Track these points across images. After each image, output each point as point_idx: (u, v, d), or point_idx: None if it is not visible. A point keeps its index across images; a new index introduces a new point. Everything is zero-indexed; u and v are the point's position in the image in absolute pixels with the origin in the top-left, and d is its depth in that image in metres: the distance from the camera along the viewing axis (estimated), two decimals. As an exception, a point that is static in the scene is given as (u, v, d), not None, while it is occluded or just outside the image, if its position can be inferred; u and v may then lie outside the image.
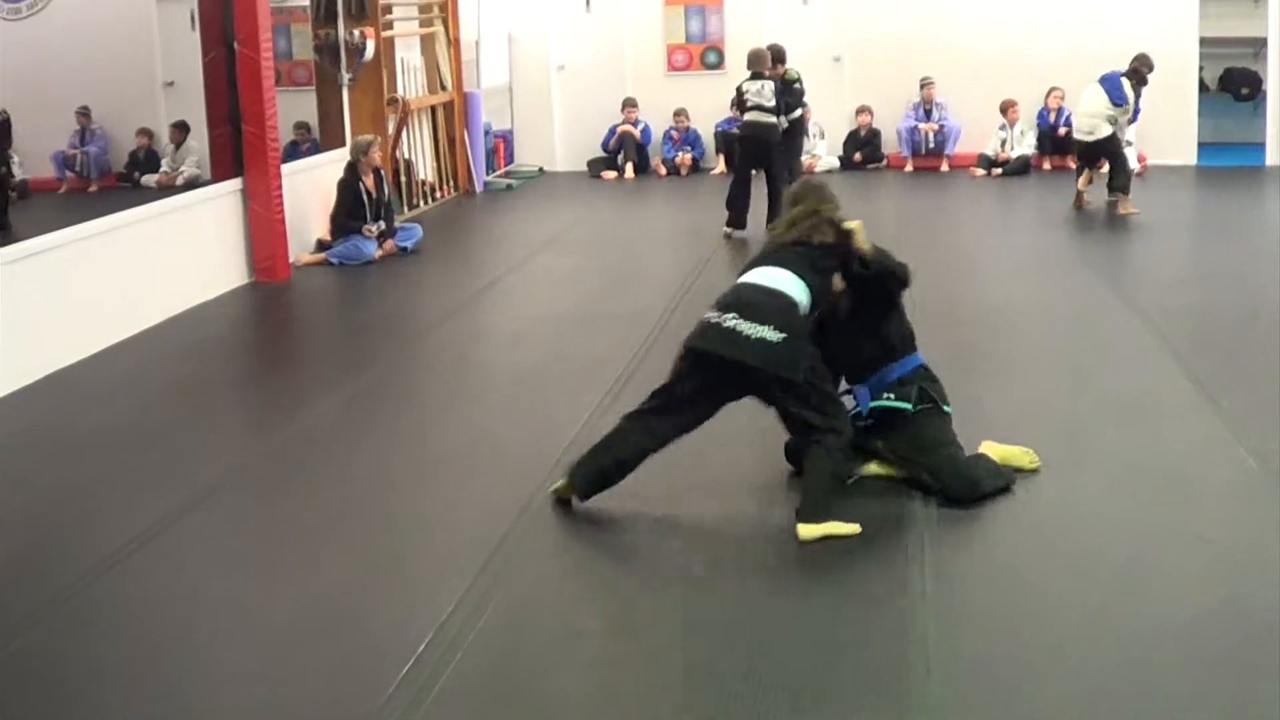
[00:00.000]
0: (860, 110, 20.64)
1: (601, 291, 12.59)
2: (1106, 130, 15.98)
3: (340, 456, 8.21)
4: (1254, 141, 20.89)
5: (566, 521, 7.01)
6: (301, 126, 16.28)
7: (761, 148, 15.25)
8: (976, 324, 10.90)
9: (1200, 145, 20.58)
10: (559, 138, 21.38)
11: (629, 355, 10.08)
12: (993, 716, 5.03)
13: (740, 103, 15.39)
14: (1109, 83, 16.11)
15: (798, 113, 15.93)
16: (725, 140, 20.22)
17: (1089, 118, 16.21)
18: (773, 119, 15.19)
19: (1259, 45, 21.27)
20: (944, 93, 20.43)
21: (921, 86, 20.40)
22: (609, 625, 5.85)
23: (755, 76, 15.26)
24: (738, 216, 15.21)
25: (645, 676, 5.40)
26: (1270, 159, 20.36)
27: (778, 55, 15.66)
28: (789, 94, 15.49)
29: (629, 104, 20.71)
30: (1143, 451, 7.93)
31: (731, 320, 6.92)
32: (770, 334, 6.84)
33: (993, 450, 7.42)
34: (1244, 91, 22.77)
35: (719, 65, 21.00)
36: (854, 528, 6.66)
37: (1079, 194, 16.39)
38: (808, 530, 6.62)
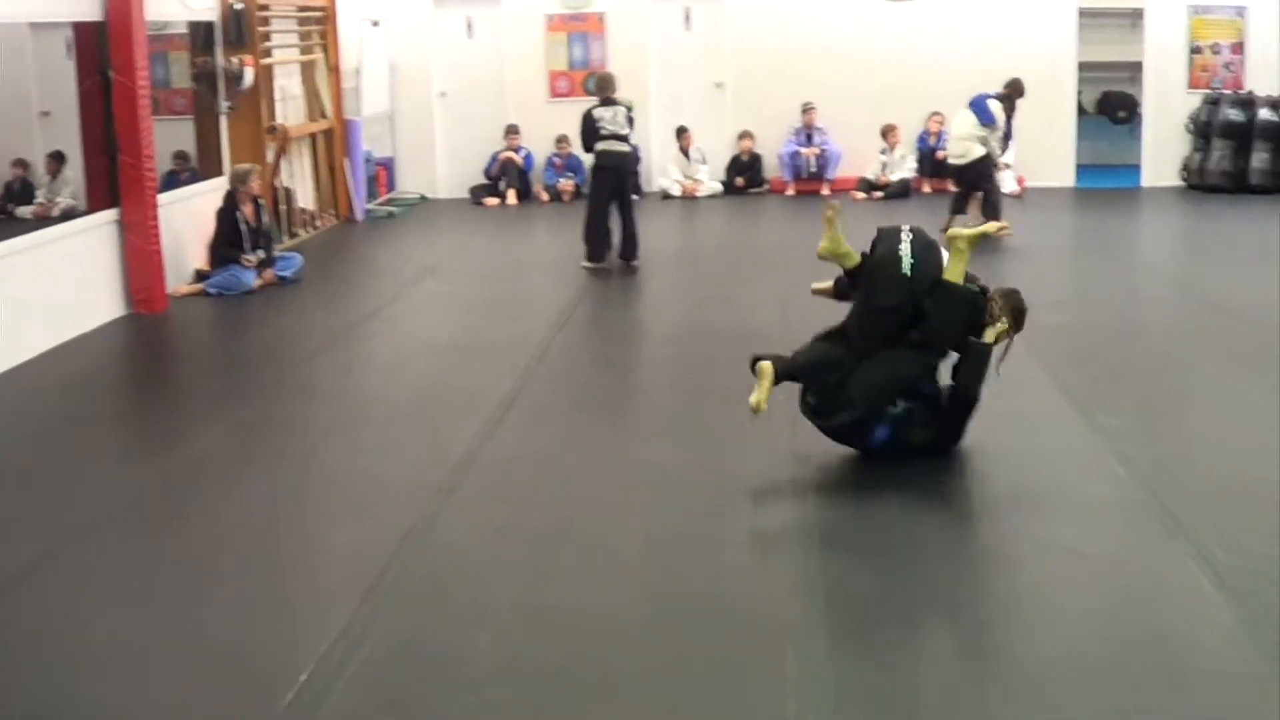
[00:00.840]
0: (742, 135, 20.76)
1: (484, 319, 12.54)
2: (978, 152, 16.12)
3: (221, 489, 8.12)
4: (1130, 163, 21.22)
5: (448, 547, 7.00)
6: (180, 156, 16.09)
7: (620, 177, 14.94)
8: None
9: (1078, 167, 20.87)
10: (441, 165, 21.32)
11: (512, 382, 10.06)
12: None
13: (592, 131, 14.87)
14: (976, 105, 16.27)
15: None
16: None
17: (960, 141, 16.40)
18: (628, 147, 14.90)
19: (1135, 69, 21.58)
20: (825, 118, 20.57)
21: (803, 111, 20.55)
22: (491, 649, 5.81)
23: (606, 103, 14.90)
24: (596, 250, 14.86)
25: (529, 699, 5.38)
26: (1146, 180, 20.70)
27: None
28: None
29: (511, 131, 20.66)
30: (1021, 466, 8.03)
31: (907, 236, 8.05)
32: (907, 262, 7.92)
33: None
34: (1121, 114, 23.10)
35: (601, 91, 20.99)
36: None
37: (951, 219, 16.43)
38: None
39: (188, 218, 14.19)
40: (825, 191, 20.31)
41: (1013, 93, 16.53)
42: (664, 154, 20.89)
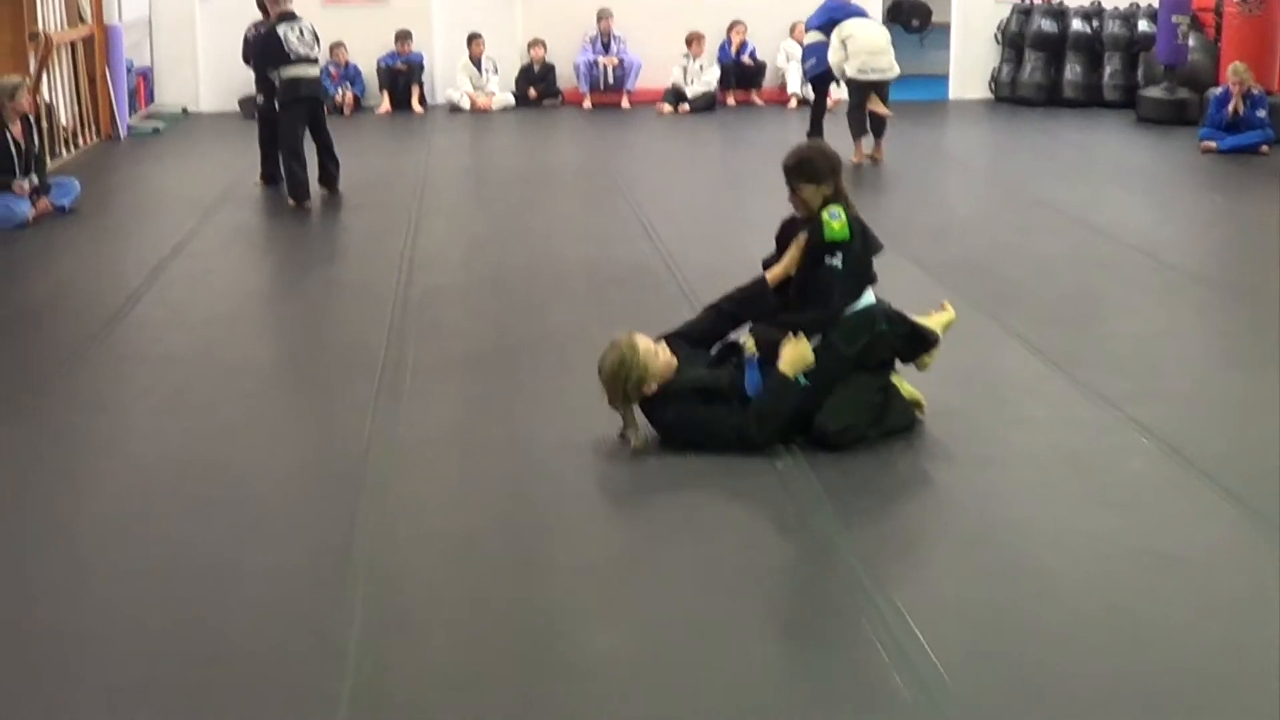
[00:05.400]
0: (533, 43, 19.66)
1: (312, 257, 11.00)
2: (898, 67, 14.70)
3: (59, 495, 6.29)
4: (934, 74, 20.65)
5: (416, 554, 5.52)
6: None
7: (315, 106, 13.00)
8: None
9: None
10: (204, 75, 19.52)
11: (383, 333, 8.54)
12: None
13: (278, 52, 12.67)
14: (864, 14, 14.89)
15: None
16: (389, 75, 18.93)
17: (884, 55, 14.47)
18: (316, 71, 12.99)
19: (932, -22, 21.12)
20: (622, 26, 19.42)
21: (599, 19, 19.48)
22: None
23: (284, 18, 12.73)
24: (299, 189, 12.72)
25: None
26: (953, 92, 20.15)
27: None
28: None
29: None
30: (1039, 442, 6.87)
31: None
32: None
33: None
34: (914, 23, 22.58)
35: (381, -5, 19.58)
36: None
37: (868, 149, 14.79)
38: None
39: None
40: (625, 104, 19.20)
41: None
42: (451, 64, 19.46)
